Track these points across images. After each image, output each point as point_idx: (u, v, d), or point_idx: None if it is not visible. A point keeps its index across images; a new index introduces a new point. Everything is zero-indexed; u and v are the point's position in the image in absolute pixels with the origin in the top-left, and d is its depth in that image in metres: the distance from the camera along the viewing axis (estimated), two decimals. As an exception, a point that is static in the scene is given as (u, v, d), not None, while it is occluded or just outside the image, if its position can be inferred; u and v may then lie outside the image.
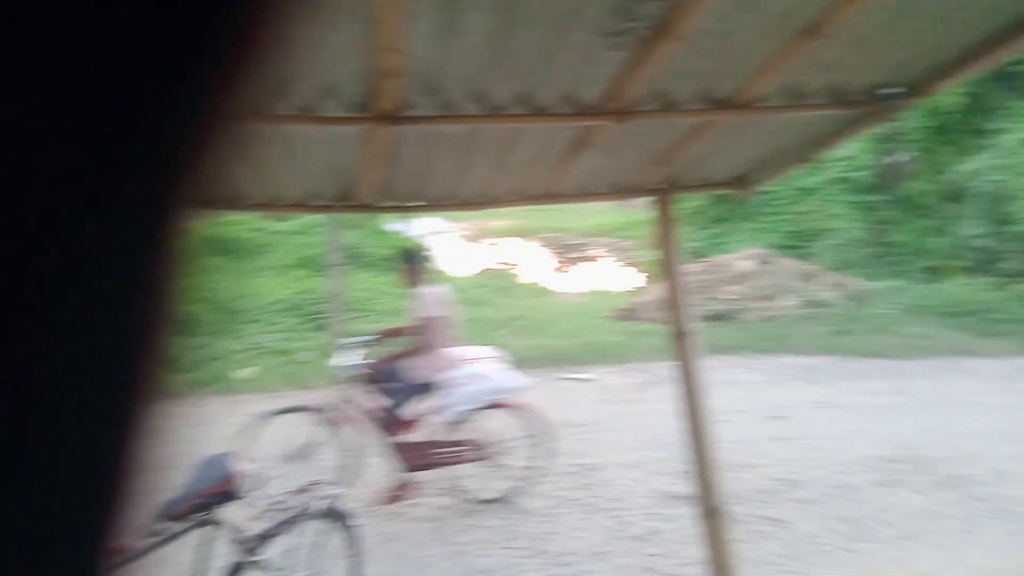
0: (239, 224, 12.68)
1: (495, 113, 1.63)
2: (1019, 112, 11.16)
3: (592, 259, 16.02)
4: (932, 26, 1.42)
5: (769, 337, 8.80)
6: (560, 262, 15.68)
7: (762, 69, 1.53)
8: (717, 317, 9.44)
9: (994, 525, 4.83)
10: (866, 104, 1.68)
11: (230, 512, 2.98)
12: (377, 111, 1.58)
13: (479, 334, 9.08)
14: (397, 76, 1.43)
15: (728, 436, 6.13)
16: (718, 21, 1.36)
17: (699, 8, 1.26)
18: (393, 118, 1.59)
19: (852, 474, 5.57)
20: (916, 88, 1.64)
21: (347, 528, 3.48)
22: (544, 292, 12.25)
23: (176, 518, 2.80)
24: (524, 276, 13.54)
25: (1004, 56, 1.52)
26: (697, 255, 11.78)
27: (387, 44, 1.30)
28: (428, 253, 5.76)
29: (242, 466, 3.03)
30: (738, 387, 7.51)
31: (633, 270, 14.24)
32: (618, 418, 6.71)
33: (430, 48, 1.38)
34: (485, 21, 1.29)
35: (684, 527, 4.71)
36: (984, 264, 10.86)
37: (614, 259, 15.83)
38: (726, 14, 1.34)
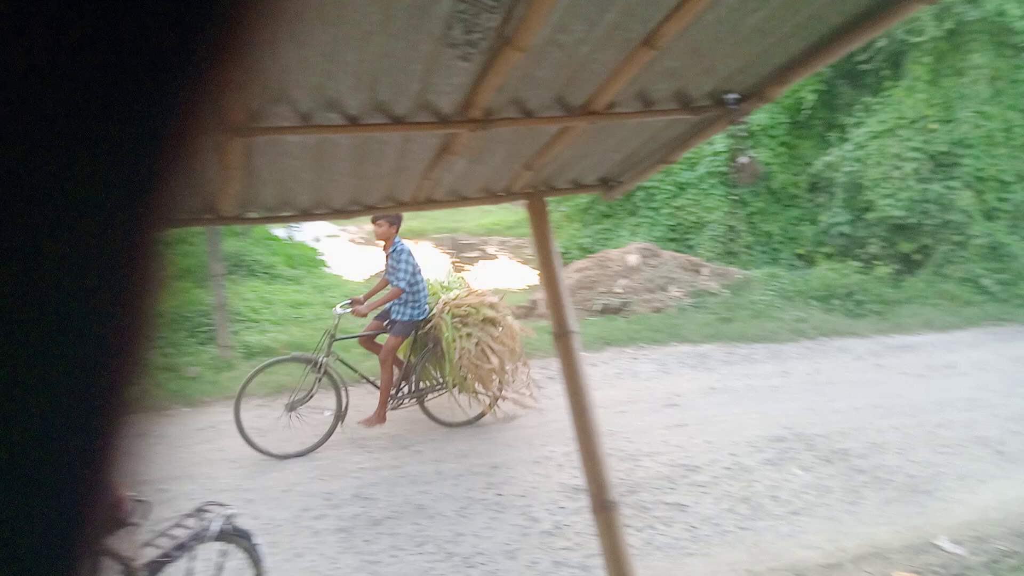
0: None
1: (353, 122, 1.62)
2: (868, 107, 12.08)
3: (487, 257, 16.11)
4: (759, 37, 1.52)
5: (659, 328, 9.12)
6: (456, 262, 15.69)
7: (610, 78, 1.59)
8: (608, 310, 9.70)
9: (873, 495, 5.21)
10: (710, 109, 1.77)
11: (118, 541, 2.83)
12: (227, 122, 1.53)
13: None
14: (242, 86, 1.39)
15: (626, 426, 6.37)
16: (560, 33, 1.40)
17: (538, 22, 1.29)
18: (244, 129, 1.55)
19: (744, 455, 5.87)
20: (753, 93, 1.74)
21: (248, 547, 3.38)
22: (441, 291, 12.20)
23: None
24: (421, 277, 13.43)
25: (828, 62, 1.64)
26: (586, 250, 12.08)
27: (226, 55, 1.26)
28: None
29: (127, 492, 2.88)
30: (632, 378, 7.75)
31: (527, 267, 14.44)
32: (519, 415, 6.78)
33: (271, 59, 1.35)
34: (326, 32, 1.27)
35: (591, 519, 4.84)
36: (848, 250, 11.69)
37: (509, 257, 15.99)
38: (564, 26, 1.38)
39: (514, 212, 18.45)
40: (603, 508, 2.27)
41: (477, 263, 15.67)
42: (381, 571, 4.35)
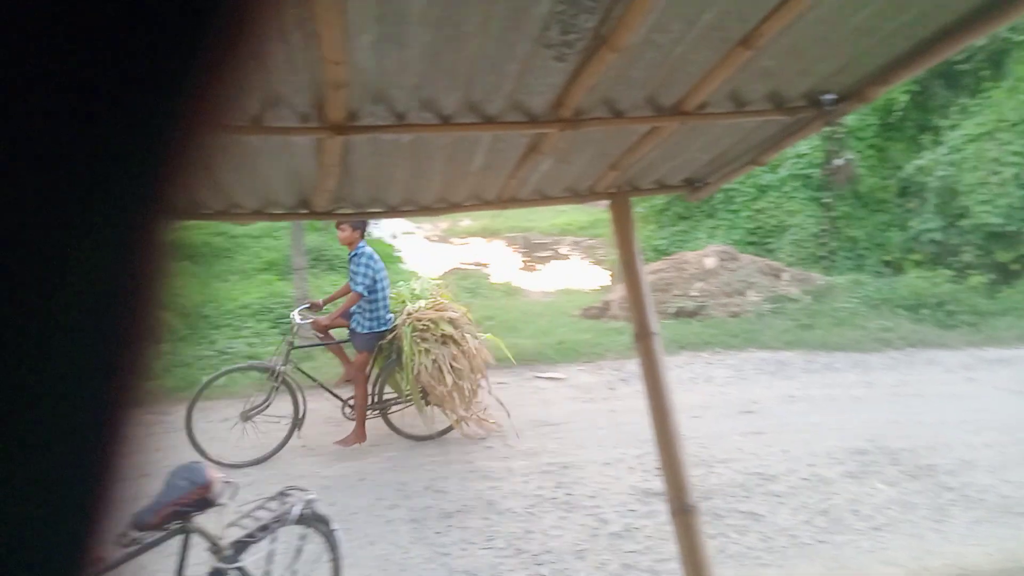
0: (201, 229, 12.52)
1: (446, 122, 1.66)
2: (965, 109, 11.48)
3: (560, 258, 16.09)
4: (861, 36, 1.48)
5: (736, 333, 8.93)
6: (527, 261, 15.73)
7: (704, 78, 1.58)
8: (683, 314, 9.54)
9: (962, 514, 4.97)
10: (805, 110, 1.74)
11: (206, 520, 2.97)
12: (328, 121, 1.59)
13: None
14: (344, 87, 1.45)
15: (700, 432, 6.26)
16: (657, 33, 1.40)
17: (636, 22, 1.30)
18: (344, 127, 1.61)
19: (823, 466, 5.68)
20: (852, 94, 1.70)
21: (326, 532, 3.48)
22: (513, 291, 12.29)
23: (151, 527, 2.78)
24: (493, 276, 13.56)
25: (934, 62, 1.58)
26: (661, 253, 11.91)
27: (331, 56, 1.32)
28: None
29: (217, 473, 3.01)
30: (707, 383, 7.61)
31: (600, 268, 14.35)
32: (592, 416, 6.77)
33: (375, 59, 1.40)
34: (428, 33, 1.31)
35: (662, 523, 4.79)
36: (939, 257, 11.14)
37: (581, 257, 15.92)
38: (664, 26, 1.38)
39: (587, 213, 18.35)
40: (682, 511, 2.25)
41: (549, 263, 15.67)
42: (451, 563, 4.42)
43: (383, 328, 6.05)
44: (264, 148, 1.79)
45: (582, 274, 14.23)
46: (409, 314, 6.06)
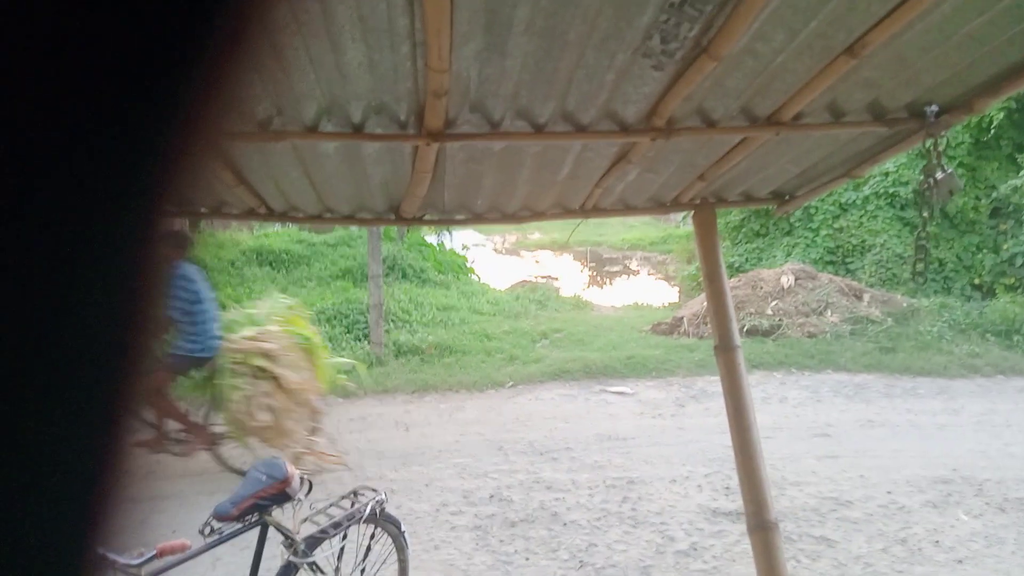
0: (282, 236, 12.97)
1: (539, 131, 1.69)
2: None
3: (629, 273, 15.96)
4: (972, 46, 1.43)
5: (812, 353, 8.67)
6: (597, 275, 15.67)
7: (802, 88, 1.56)
8: (757, 332, 9.33)
9: (1052, 550, 4.69)
10: (906, 122, 1.69)
11: (283, 514, 3.06)
12: (426, 129, 1.64)
13: (517, 346, 9.15)
14: (445, 95, 1.49)
15: (772, 453, 6.07)
16: (758, 42, 1.39)
17: (739, 31, 1.30)
18: (441, 135, 1.66)
19: (902, 494, 5.45)
20: (958, 106, 1.65)
21: (394, 533, 3.54)
22: (582, 305, 12.26)
23: (231, 519, 2.88)
24: (561, 289, 13.56)
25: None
26: (736, 270, 11.67)
27: (436, 65, 1.37)
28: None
29: (296, 469, 3.11)
30: (781, 403, 7.41)
31: (669, 284, 14.17)
32: (659, 432, 6.68)
33: (476, 68, 1.44)
34: (531, 43, 1.34)
35: (729, 544, 4.69)
36: (1033, 282, 10.56)
37: (651, 273, 15.76)
38: (766, 35, 1.37)
39: (658, 228, 18.18)
40: (762, 528, 2.20)
41: (618, 277, 15.57)
42: (513, 572, 4.43)
43: (204, 355, 5.50)
44: (362, 154, 1.86)
45: (652, 289, 14.09)
46: (229, 343, 5.54)
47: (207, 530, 2.86)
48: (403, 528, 3.58)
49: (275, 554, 3.07)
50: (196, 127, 0.23)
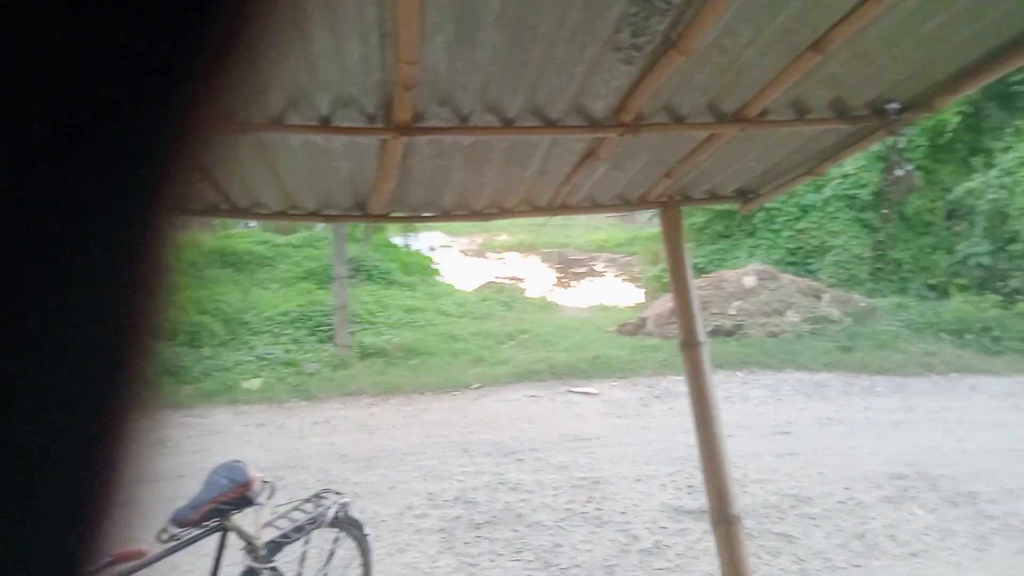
0: (245, 237, 12.77)
1: (508, 125, 1.68)
2: (1020, 131, 11.21)
3: (595, 274, 16.06)
4: (933, 43, 1.47)
5: (773, 353, 8.81)
6: (563, 277, 15.72)
7: (768, 84, 1.58)
8: (720, 332, 9.45)
9: (1003, 543, 4.82)
10: (868, 119, 1.72)
11: (243, 519, 2.99)
12: (394, 122, 1.62)
13: (483, 347, 9.13)
14: (414, 87, 1.48)
15: (735, 451, 6.11)
16: (726, 37, 1.40)
17: (707, 25, 1.31)
18: (410, 129, 1.64)
19: (860, 490, 5.56)
20: (918, 104, 1.68)
21: (358, 536, 3.49)
22: (548, 306, 12.30)
23: (191, 524, 2.81)
24: (528, 290, 13.58)
25: (1004, 71, 1.56)
26: (700, 271, 11.81)
27: (405, 57, 1.35)
28: None
29: (257, 473, 3.04)
30: (743, 402, 7.51)
31: (634, 285, 14.30)
32: (624, 432, 6.71)
33: (446, 61, 1.43)
34: (502, 34, 1.33)
35: (692, 541, 4.73)
36: (987, 282, 10.87)
37: (616, 274, 15.87)
38: (734, 30, 1.38)
39: (624, 230, 18.30)
40: (725, 521, 2.22)
41: (584, 279, 15.64)
42: (479, 574, 4.41)
43: None
44: (327, 148, 1.82)
45: (617, 291, 14.18)
46: None
47: (165, 536, 2.78)
48: (367, 531, 3.54)
49: (236, 560, 3.01)
50: (167, 123, 0.23)
